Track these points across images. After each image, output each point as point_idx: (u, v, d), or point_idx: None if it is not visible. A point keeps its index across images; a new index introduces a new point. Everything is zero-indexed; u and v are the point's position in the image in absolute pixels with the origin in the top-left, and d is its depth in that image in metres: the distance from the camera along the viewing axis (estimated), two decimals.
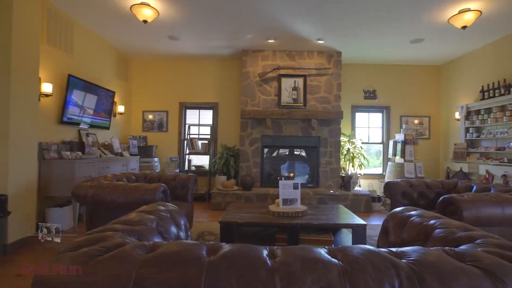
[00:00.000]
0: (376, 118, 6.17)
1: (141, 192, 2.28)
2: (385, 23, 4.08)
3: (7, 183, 2.74)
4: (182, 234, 1.43)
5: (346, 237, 2.77)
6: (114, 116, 5.14)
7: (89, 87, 4.22)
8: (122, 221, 1.22)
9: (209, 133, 5.96)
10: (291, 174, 5.48)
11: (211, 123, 5.92)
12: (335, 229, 2.77)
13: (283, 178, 5.34)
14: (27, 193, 2.96)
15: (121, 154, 4.66)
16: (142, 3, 3.52)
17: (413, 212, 1.43)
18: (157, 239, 1.19)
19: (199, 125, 6.02)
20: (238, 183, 5.15)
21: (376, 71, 5.92)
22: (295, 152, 5.50)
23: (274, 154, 5.50)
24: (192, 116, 6.03)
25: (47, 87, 3.41)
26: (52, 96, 3.56)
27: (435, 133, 5.94)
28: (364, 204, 4.80)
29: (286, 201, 2.78)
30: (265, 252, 0.81)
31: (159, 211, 1.46)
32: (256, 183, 5.13)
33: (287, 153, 5.51)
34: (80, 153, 3.78)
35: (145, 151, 5.33)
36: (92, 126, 4.38)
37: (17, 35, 2.79)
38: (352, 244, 2.38)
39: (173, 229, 1.38)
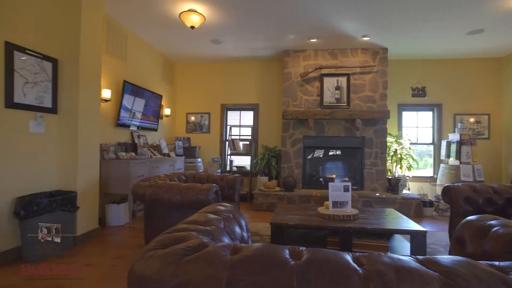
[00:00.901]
0: (425, 117, 5.78)
1: (195, 192, 2.37)
2: (440, 15, 3.80)
3: (76, 181, 3.02)
4: (245, 235, 1.46)
5: (401, 244, 2.62)
6: (161, 118, 5.42)
7: (141, 91, 4.51)
8: (191, 221, 1.27)
9: (249, 134, 6.03)
10: (334, 176, 5.34)
11: (252, 124, 5.99)
12: (389, 234, 2.64)
13: (322, 180, 5.24)
14: (91, 190, 3.24)
15: (168, 155, 4.90)
16: (190, 10, 3.67)
17: (493, 222, 1.30)
18: (226, 240, 1.23)
19: (240, 126, 6.12)
20: (280, 184, 5.14)
21: (426, 66, 5.54)
22: (337, 153, 5.35)
23: (316, 155, 5.39)
24: (233, 117, 6.16)
25: (106, 93, 3.70)
26: (110, 101, 3.85)
27: (496, 132, 5.39)
28: (415, 209, 4.51)
29: (336, 204, 2.71)
30: (350, 259, 0.79)
31: (221, 211, 1.50)
32: (298, 184, 5.08)
33: (329, 153, 5.37)
34: (133, 153, 4.04)
35: (189, 151, 5.55)
36: (142, 128, 4.67)
37: (84, 48, 3.06)
38: (411, 252, 2.24)
39: (237, 230, 1.41)
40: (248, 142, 5.76)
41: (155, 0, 3.51)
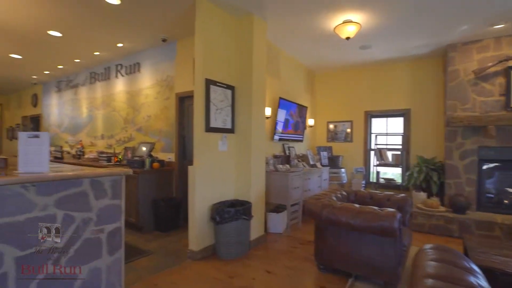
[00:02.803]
0: None
1: (378, 217, 2.24)
2: None
3: (250, 192, 3.44)
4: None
5: None
6: (305, 129, 5.58)
7: (291, 106, 4.77)
8: (441, 276, 1.13)
9: (398, 142, 5.41)
10: None
11: (402, 132, 5.35)
12: None
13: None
14: (259, 200, 3.62)
15: (315, 165, 4.97)
16: (345, 22, 3.58)
17: None
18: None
19: (386, 134, 5.59)
20: (444, 203, 4.36)
21: None
22: None
23: (497, 170, 4.28)
24: (378, 125, 5.69)
25: (267, 111, 4.07)
26: (270, 117, 4.23)
27: None
28: None
29: None
30: None
31: (449, 253, 1.30)
32: (471, 206, 4.16)
33: None
34: (287, 165, 4.29)
35: (332, 161, 5.48)
36: (291, 140, 4.93)
37: (255, 74, 3.46)
38: None
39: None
40: (398, 152, 5.18)
41: (310, 19, 3.60)
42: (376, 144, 5.47)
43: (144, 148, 4.35)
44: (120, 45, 4.56)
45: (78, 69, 6.09)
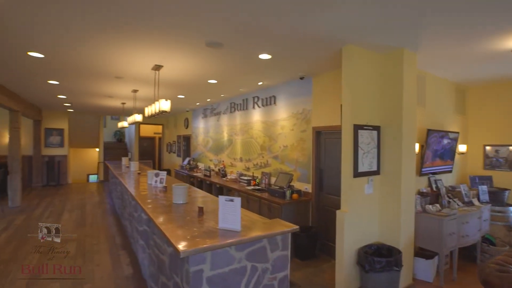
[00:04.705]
0: None
1: None
2: None
3: (399, 237, 3.24)
4: None
5: None
6: (454, 156, 4.80)
7: (440, 135, 4.20)
8: None
9: None
10: None
11: None
12: None
13: None
14: (408, 245, 3.35)
15: (471, 203, 4.22)
16: None
17: None
18: None
19: None
20: None
21: None
22: None
23: None
24: None
25: (416, 147, 3.73)
26: (418, 153, 3.85)
27: None
28: None
29: None
30: None
31: None
32: None
33: None
34: (437, 205, 3.80)
35: (495, 196, 4.50)
36: (439, 173, 4.34)
37: (406, 108, 3.23)
38: None
39: None
40: None
41: (475, 43, 3.04)
42: None
43: (283, 179, 4.72)
44: (260, 83, 5.11)
45: (221, 100, 7.17)
